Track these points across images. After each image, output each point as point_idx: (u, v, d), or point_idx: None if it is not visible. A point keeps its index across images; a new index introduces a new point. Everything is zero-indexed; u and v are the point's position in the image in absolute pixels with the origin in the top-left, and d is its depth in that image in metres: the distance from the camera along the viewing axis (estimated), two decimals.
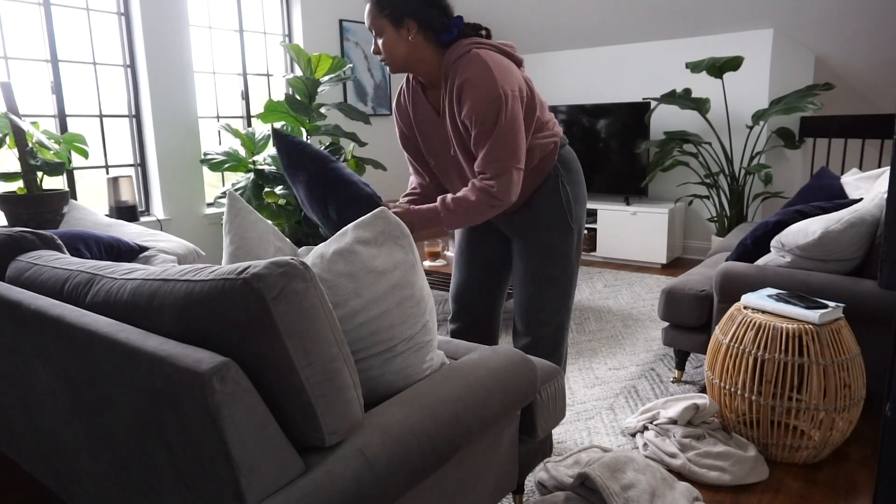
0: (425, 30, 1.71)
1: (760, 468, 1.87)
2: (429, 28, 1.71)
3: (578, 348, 2.97)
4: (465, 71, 1.66)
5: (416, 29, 1.70)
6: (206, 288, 0.97)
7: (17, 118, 2.77)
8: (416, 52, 1.73)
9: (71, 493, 1.39)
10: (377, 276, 1.22)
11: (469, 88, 1.65)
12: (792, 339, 1.86)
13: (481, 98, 1.63)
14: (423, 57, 1.74)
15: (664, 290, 2.50)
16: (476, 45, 1.70)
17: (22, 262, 1.47)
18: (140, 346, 0.97)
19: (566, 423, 2.23)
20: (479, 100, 1.63)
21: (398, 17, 1.69)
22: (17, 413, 1.45)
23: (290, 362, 0.95)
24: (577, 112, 4.97)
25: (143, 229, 2.82)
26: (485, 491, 1.41)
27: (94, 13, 3.53)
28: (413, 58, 1.74)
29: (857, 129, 4.18)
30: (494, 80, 1.62)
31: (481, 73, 1.63)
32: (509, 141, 1.65)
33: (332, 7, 4.68)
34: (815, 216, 2.23)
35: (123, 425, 1.06)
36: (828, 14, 3.97)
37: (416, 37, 1.71)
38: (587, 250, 4.89)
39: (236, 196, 1.54)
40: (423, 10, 1.70)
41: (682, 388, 2.50)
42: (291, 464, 0.97)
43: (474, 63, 1.65)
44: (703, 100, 4.25)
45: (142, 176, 3.84)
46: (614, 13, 4.62)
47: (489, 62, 1.64)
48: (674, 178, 4.92)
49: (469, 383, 1.29)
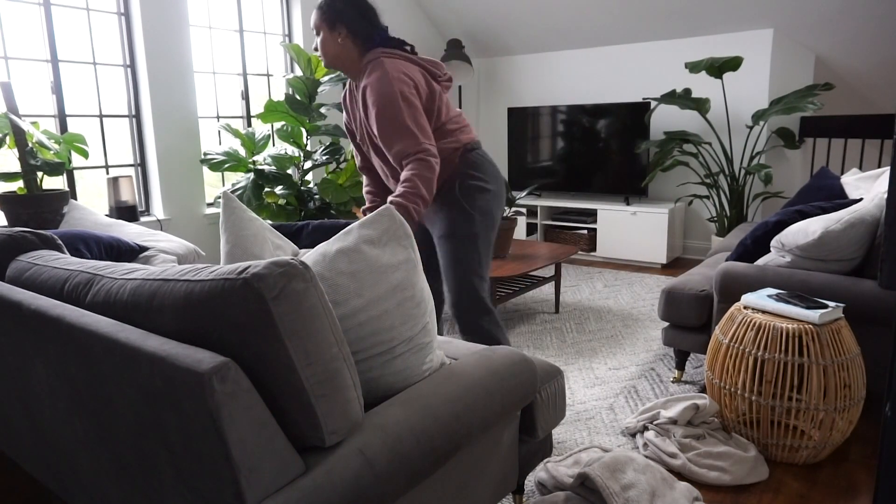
0: (353, 35, 2.07)
1: (760, 468, 1.87)
2: (356, 34, 2.07)
3: (578, 348, 2.97)
4: (370, 75, 2.02)
5: (345, 33, 2.07)
6: (206, 288, 0.97)
7: (17, 118, 2.77)
8: (344, 53, 2.09)
9: (71, 493, 1.39)
10: (379, 275, 1.22)
11: (371, 91, 1.99)
12: (792, 339, 1.86)
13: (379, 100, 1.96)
14: (349, 57, 2.10)
15: (664, 290, 2.50)
16: (386, 55, 2.05)
17: (22, 262, 1.47)
18: (140, 346, 0.97)
19: (566, 423, 2.23)
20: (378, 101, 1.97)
21: (333, 22, 2.06)
22: (17, 413, 1.45)
23: (290, 362, 0.95)
24: (577, 112, 4.97)
25: (143, 229, 2.82)
26: (485, 491, 1.41)
27: (94, 13, 3.53)
28: (341, 57, 2.10)
29: (857, 129, 4.18)
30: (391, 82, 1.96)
31: (381, 78, 1.97)
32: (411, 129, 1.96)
33: None
34: (815, 216, 2.23)
35: (123, 425, 1.06)
36: (828, 14, 3.97)
37: (345, 40, 2.07)
38: (587, 250, 4.90)
39: (230, 196, 1.54)
40: (354, 19, 2.06)
41: (682, 388, 2.50)
42: (291, 464, 0.97)
43: (378, 68, 2.00)
44: (703, 100, 4.25)
45: (142, 176, 3.84)
46: (614, 13, 4.62)
47: (389, 68, 1.98)
48: (674, 178, 4.92)
49: (469, 383, 1.29)
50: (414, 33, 5.43)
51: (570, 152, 5.08)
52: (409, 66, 2.05)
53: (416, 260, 1.29)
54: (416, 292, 1.27)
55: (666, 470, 1.82)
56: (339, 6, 2.06)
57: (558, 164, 5.16)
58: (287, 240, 1.70)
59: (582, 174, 5.06)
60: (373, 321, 1.20)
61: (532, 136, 5.25)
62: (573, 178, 5.11)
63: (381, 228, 1.25)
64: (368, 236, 1.24)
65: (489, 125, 5.85)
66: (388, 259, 1.24)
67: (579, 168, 5.07)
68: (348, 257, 1.21)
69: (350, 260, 1.21)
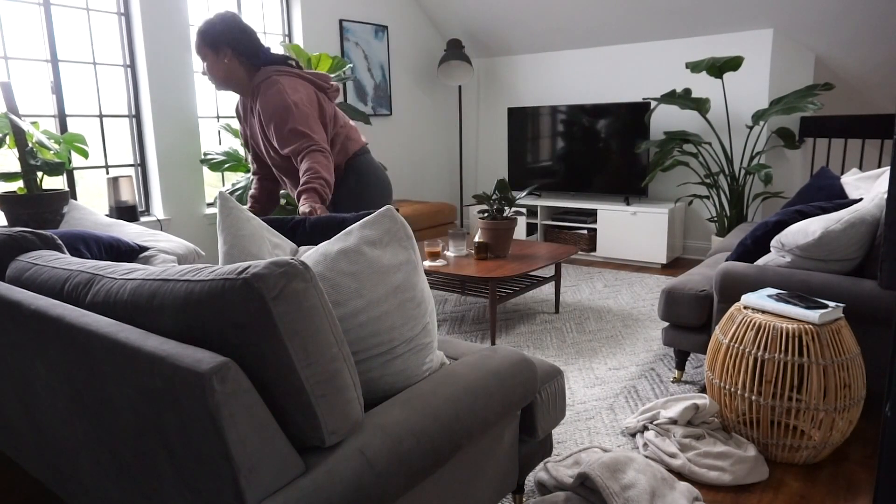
0: (238, 54, 2.24)
1: (760, 468, 1.87)
2: (241, 53, 2.24)
3: (578, 348, 2.97)
4: (264, 93, 2.21)
5: (230, 53, 2.24)
6: (206, 288, 0.97)
7: (17, 118, 2.77)
8: (232, 73, 2.27)
9: (71, 493, 1.39)
10: (380, 276, 1.22)
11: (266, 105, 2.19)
12: (792, 339, 1.86)
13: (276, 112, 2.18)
14: (238, 76, 2.28)
15: (664, 290, 2.50)
16: (277, 73, 2.24)
17: (22, 262, 1.47)
18: (140, 346, 0.97)
19: (566, 423, 2.23)
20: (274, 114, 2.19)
21: (216, 45, 2.23)
22: (17, 413, 1.45)
23: (290, 362, 0.95)
24: (577, 112, 4.97)
25: (143, 229, 2.82)
26: (485, 491, 1.41)
27: (94, 13, 3.53)
28: (230, 77, 2.27)
29: (857, 129, 4.18)
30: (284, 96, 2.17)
31: (274, 95, 2.19)
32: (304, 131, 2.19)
33: (332, 7, 4.68)
34: (815, 216, 2.23)
35: (123, 425, 1.06)
36: (828, 14, 3.97)
37: (232, 60, 2.25)
38: (587, 250, 4.90)
39: (227, 196, 1.54)
40: (236, 39, 2.23)
41: (682, 388, 2.50)
42: (291, 464, 0.97)
43: (271, 86, 2.20)
44: (703, 100, 4.25)
45: (142, 176, 3.84)
46: (614, 13, 4.62)
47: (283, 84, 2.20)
48: (674, 178, 4.92)
49: (469, 384, 1.29)
50: (414, 33, 5.43)
51: (570, 152, 5.08)
52: (298, 81, 2.24)
53: (416, 261, 1.29)
54: (417, 293, 1.27)
55: (666, 470, 1.82)
56: (219, 28, 2.22)
57: (558, 164, 5.16)
58: (285, 238, 1.70)
59: (582, 174, 5.06)
60: (373, 322, 1.21)
61: (532, 136, 5.25)
62: (573, 178, 5.11)
63: (382, 229, 1.25)
64: (370, 237, 1.24)
65: (489, 125, 5.85)
66: (389, 260, 1.24)
67: (579, 168, 5.07)
68: (349, 258, 1.21)
69: (351, 260, 1.21)
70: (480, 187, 6.04)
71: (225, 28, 2.21)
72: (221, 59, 2.23)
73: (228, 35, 2.22)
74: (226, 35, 2.21)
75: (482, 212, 3.32)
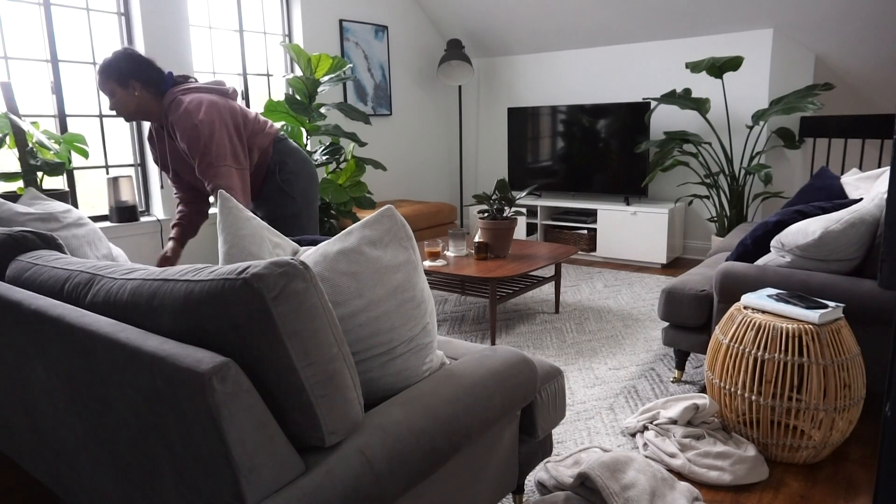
0: (146, 85, 2.36)
1: (760, 468, 1.87)
2: (148, 83, 2.36)
3: (578, 348, 2.97)
4: (172, 113, 2.34)
5: (139, 86, 2.35)
6: (206, 288, 0.97)
7: (17, 118, 2.77)
8: (143, 103, 2.38)
9: (71, 493, 1.39)
10: (380, 276, 1.22)
11: (177, 126, 2.32)
12: (792, 339, 1.86)
13: (186, 130, 2.31)
14: (148, 105, 2.39)
15: (664, 290, 2.50)
16: (182, 92, 2.37)
17: (22, 262, 1.47)
18: (140, 346, 0.97)
19: (566, 423, 2.23)
20: (185, 131, 2.31)
21: (125, 80, 2.33)
22: (17, 413, 1.45)
23: (290, 362, 0.95)
24: (577, 112, 4.97)
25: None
26: (485, 491, 1.41)
27: (94, 13, 3.53)
28: (141, 108, 2.39)
29: (857, 129, 4.18)
30: (191, 115, 2.30)
31: (182, 115, 2.31)
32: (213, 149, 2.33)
33: (332, 7, 4.68)
34: (815, 216, 2.23)
35: (123, 425, 1.06)
36: (828, 14, 3.97)
37: (142, 92, 2.36)
38: (587, 250, 4.90)
39: (226, 195, 1.54)
40: (142, 71, 2.34)
41: (682, 388, 2.50)
42: (291, 464, 0.97)
43: (177, 107, 2.33)
44: (703, 100, 4.25)
45: (142, 176, 3.84)
46: (614, 13, 4.62)
47: (187, 103, 2.32)
48: (674, 178, 4.92)
49: (469, 383, 1.29)
50: (414, 33, 5.43)
51: (570, 152, 5.08)
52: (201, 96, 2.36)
53: (416, 261, 1.29)
54: (417, 293, 1.27)
55: (666, 470, 1.82)
56: (123, 65, 2.32)
57: (558, 164, 5.16)
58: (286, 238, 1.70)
59: (582, 174, 5.06)
60: (373, 322, 1.20)
61: (532, 136, 5.25)
62: (573, 178, 5.11)
63: (382, 229, 1.25)
64: (369, 237, 1.24)
65: (489, 125, 5.85)
66: (389, 260, 1.24)
67: (579, 168, 5.07)
68: (349, 258, 1.21)
69: (351, 261, 1.21)
70: (480, 187, 6.04)
71: (131, 63, 2.33)
72: (131, 92, 2.35)
73: (135, 69, 2.34)
74: (132, 70, 2.33)
75: (482, 212, 3.32)
